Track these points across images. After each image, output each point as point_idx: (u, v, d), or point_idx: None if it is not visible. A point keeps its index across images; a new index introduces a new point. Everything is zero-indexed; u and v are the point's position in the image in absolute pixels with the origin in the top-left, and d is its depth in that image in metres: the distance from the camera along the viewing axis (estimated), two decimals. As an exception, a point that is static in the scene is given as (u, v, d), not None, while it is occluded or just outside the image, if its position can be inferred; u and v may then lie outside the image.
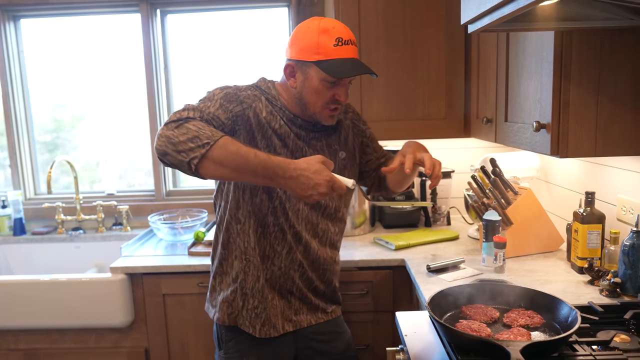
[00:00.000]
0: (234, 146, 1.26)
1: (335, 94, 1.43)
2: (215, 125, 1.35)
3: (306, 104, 1.45)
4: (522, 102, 1.65)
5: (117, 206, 2.73)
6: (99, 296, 2.12)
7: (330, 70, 1.38)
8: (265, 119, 1.46)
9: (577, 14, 1.28)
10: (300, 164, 1.28)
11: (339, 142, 1.58)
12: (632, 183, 1.63)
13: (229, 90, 1.45)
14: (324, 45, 1.38)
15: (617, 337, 1.24)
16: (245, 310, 1.54)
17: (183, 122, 1.27)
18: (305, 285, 1.59)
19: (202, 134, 1.25)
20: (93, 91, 2.86)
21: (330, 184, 1.27)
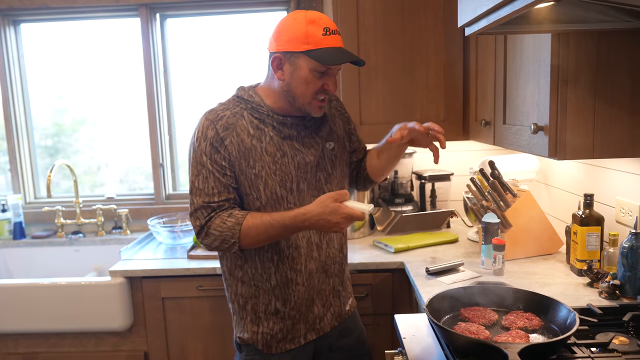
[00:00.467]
0: (253, 230, 1.40)
1: (324, 84, 1.43)
2: (222, 191, 1.44)
3: (294, 95, 1.44)
4: (520, 105, 1.65)
5: (116, 210, 2.74)
6: (98, 300, 2.12)
7: (321, 59, 1.38)
8: (252, 137, 1.45)
9: (573, 17, 1.28)
10: (315, 210, 1.37)
11: (327, 132, 1.58)
12: (631, 185, 1.63)
13: (211, 133, 1.43)
14: (312, 34, 1.38)
15: (615, 339, 1.24)
16: (259, 335, 1.53)
17: (206, 229, 1.43)
18: (327, 289, 1.58)
19: (226, 236, 1.41)
20: (94, 95, 2.87)
21: (349, 218, 1.36)
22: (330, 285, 1.58)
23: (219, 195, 1.43)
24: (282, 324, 1.52)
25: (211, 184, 1.43)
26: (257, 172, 1.44)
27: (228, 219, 1.41)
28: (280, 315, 1.52)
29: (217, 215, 1.43)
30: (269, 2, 2.67)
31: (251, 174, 1.44)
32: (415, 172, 2.53)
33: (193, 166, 1.45)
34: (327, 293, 1.58)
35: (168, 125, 2.83)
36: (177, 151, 2.88)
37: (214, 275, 2.09)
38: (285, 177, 1.46)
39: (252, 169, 1.44)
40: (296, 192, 1.48)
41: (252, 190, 1.45)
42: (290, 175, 1.46)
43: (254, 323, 1.53)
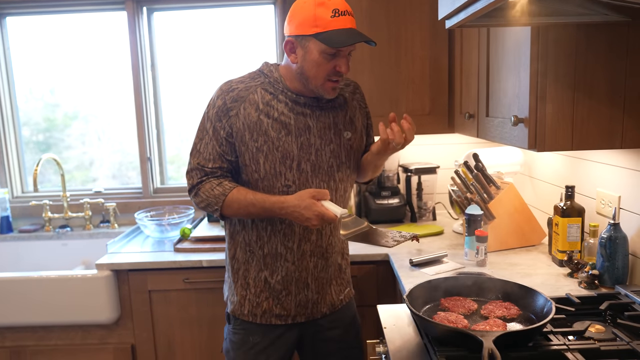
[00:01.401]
0: (235, 204, 1.49)
1: (336, 65, 1.45)
2: (216, 159, 1.52)
3: (308, 78, 1.47)
4: (502, 97, 1.67)
5: (104, 204, 2.74)
6: (85, 293, 2.12)
7: (329, 41, 1.39)
8: (261, 112, 1.49)
9: (552, 10, 1.29)
10: (292, 201, 1.43)
11: (344, 121, 1.59)
12: (611, 177, 1.65)
13: (220, 103, 1.50)
14: (321, 17, 1.39)
15: (592, 327, 1.27)
16: (246, 300, 1.58)
17: (196, 190, 1.53)
18: (325, 276, 1.61)
19: (210, 201, 1.51)
20: (85, 90, 2.86)
21: (320, 217, 1.40)
22: (328, 273, 1.61)
23: (213, 162, 1.51)
24: (268, 293, 1.57)
25: (209, 150, 1.51)
26: (259, 146, 1.49)
27: (217, 187, 1.50)
28: (267, 286, 1.57)
29: (209, 180, 1.52)
30: (256, -5, 2.67)
31: (253, 147, 1.49)
32: (401, 165, 2.55)
33: (199, 130, 1.54)
34: (323, 280, 1.61)
35: (156, 119, 2.82)
36: (165, 145, 2.87)
37: (200, 267, 2.10)
38: (286, 155, 1.50)
39: (255, 142, 1.49)
40: (296, 170, 1.51)
41: (251, 163, 1.50)
42: (291, 154, 1.50)
43: (243, 288, 1.59)
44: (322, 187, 1.55)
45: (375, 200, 2.44)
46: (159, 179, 2.86)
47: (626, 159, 1.56)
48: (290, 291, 1.57)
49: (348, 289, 1.71)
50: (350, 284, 1.73)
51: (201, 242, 2.25)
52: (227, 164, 1.52)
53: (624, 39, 1.39)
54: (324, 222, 1.42)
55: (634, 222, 1.54)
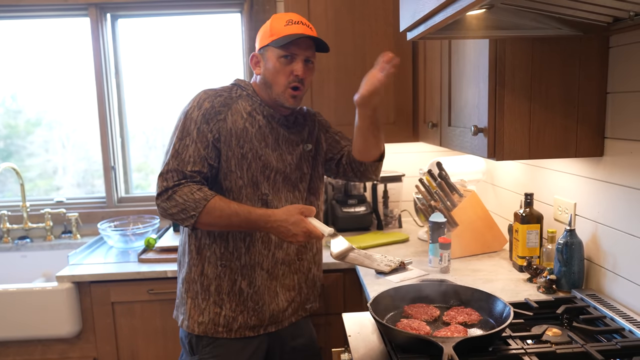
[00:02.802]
0: (217, 211, 1.42)
1: (293, 70, 1.51)
2: (197, 162, 1.46)
3: (271, 86, 1.53)
4: (463, 107, 1.71)
5: (66, 214, 2.67)
6: (45, 306, 2.06)
7: (278, 42, 1.47)
8: (245, 120, 1.52)
9: (508, 23, 1.34)
10: (280, 215, 1.42)
11: (306, 135, 1.67)
12: (567, 184, 1.71)
13: (207, 105, 1.50)
14: (275, 27, 1.51)
15: (549, 331, 1.31)
16: (221, 317, 1.55)
17: (170, 192, 1.44)
18: (291, 284, 1.62)
19: (188, 206, 1.42)
20: (49, 96, 2.79)
21: (308, 234, 1.41)
22: (294, 281, 1.62)
23: (193, 165, 1.46)
24: (243, 306, 1.55)
25: (190, 152, 1.47)
26: (245, 153, 1.50)
27: (197, 192, 1.44)
28: (243, 297, 1.55)
29: (188, 184, 1.45)
30: (222, 4, 2.66)
31: (239, 153, 1.50)
32: (368, 174, 2.57)
33: (179, 131, 1.49)
34: (289, 287, 1.61)
35: (120, 127, 2.77)
36: (129, 153, 2.83)
37: (165, 278, 2.07)
38: (266, 165, 1.53)
39: (240, 148, 1.50)
40: (272, 181, 1.54)
41: (237, 169, 1.50)
42: (270, 165, 1.53)
43: (216, 304, 1.54)
44: (289, 197, 1.58)
45: (341, 209, 2.46)
46: (124, 188, 2.81)
47: (581, 167, 1.62)
48: (265, 301, 1.57)
49: (315, 303, 1.73)
50: (317, 299, 1.74)
51: (166, 252, 2.21)
52: (208, 170, 1.48)
53: (577, 53, 1.45)
54: (310, 239, 1.43)
55: (589, 228, 1.60)
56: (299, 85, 1.53)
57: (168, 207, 1.45)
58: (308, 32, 1.51)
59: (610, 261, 1.51)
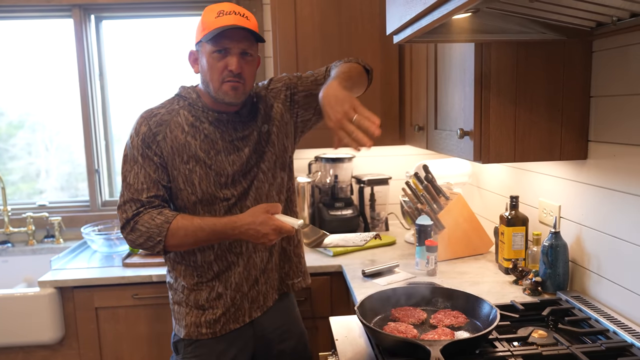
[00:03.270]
0: (182, 231, 1.39)
1: (227, 65, 1.41)
2: (151, 187, 1.43)
3: (208, 83, 1.45)
4: (449, 111, 1.72)
5: (48, 218, 2.62)
6: (26, 312, 2.02)
7: (208, 36, 1.39)
8: (187, 134, 1.46)
9: (493, 27, 1.35)
10: (246, 219, 1.38)
11: (262, 117, 1.56)
12: (552, 187, 1.73)
13: (144, 129, 1.44)
14: (206, 20, 1.41)
15: (535, 333, 1.31)
16: (202, 319, 1.53)
17: (132, 223, 1.41)
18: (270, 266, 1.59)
19: (152, 232, 1.39)
20: (32, 98, 2.75)
21: (278, 230, 1.37)
22: (271, 262, 1.59)
23: (148, 191, 1.43)
24: (224, 307, 1.53)
25: (141, 179, 1.43)
26: (192, 168, 1.45)
27: (157, 217, 1.40)
28: (222, 299, 1.53)
29: (147, 211, 1.42)
30: (206, 6, 2.64)
31: (185, 169, 1.45)
32: (354, 177, 2.57)
33: (126, 162, 1.46)
34: (269, 270, 1.59)
35: (104, 130, 2.74)
36: (114, 156, 2.79)
37: (150, 283, 2.04)
38: (221, 173, 1.47)
39: (186, 164, 1.45)
40: (231, 186, 1.49)
41: (186, 186, 1.46)
42: (225, 172, 1.48)
43: (198, 309, 1.53)
44: (260, 192, 1.53)
45: (328, 212, 2.45)
46: (108, 192, 2.78)
47: (565, 170, 1.64)
48: (244, 292, 1.55)
49: (301, 278, 1.69)
50: (304, 274, 1.71)
51: (151, 257, 2.19)
52: (163, 192, 1.45)
53: (561, 57, 1.47)
54: (282, 235, 1.39)
55: (573, 230, 1.61)
56: (236, 79, 1.43)
57: (134, 238, 1.43)
58: (241, 22, 1.39)
59: (595, 263, 1.52)
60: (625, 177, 1.37)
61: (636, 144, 1.33)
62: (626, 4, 1.11)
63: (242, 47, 1.42)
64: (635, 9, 1.13)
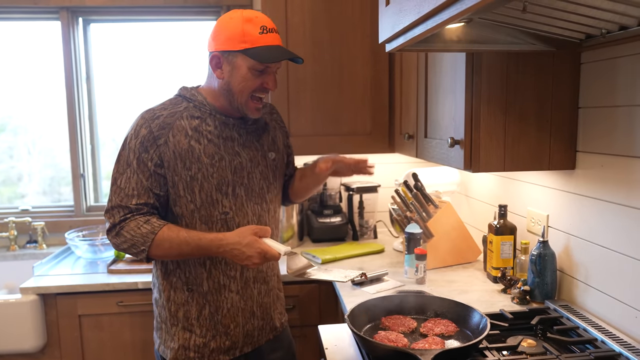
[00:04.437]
0: (167, 243, 1.37)
1: (263, 82, 1.43)
2: (142, 194, 1.39)
3: (234, 94, 1.43)
4: (439, 119, 1.72)
5: (31, 222, 2.57)
6: (7, 319, 1.98)
7: (259, 57, 1.38)
8: (190, 138, 1.42)
9: (485, 37, 1.36)
10: (232, 238, 1.36)
11: (268, 143, 1.58)
12: (540, 196, 1.74)
13: (144, 132, 1.40)
14: (249, 33, 1.38)
15: (524, 342, 1.31)
16: (191, 342, 1.48)
17: (118, 229, 1.39)
18: (268, 301, 1.56)
19: (137, 241, 1.37)
20: (15, 101, 2.70)
21: (263, 255, 1.34)
22: (270, 298, 1.57)
23: (138, 198, 1.39)
24: (215, 331, 1.48)
25: (132, 185, 1.39)
26: (194, 174, 1.42)
27: (144, 225, 1.37)
28: (213, 322, 1.48)
29: (134, 217, 1.39)
30: (198, 11, 2.64)
31: (187, 175, 1.41)
32: (343, 184, 2.57)
33: (119, 163, 1.41)
34: (267, 305, 1.56)
35: (90, 134, 2.71)
36: (99, 161, 2.76)
37: (135, 290, 2.01)
38: (222, 181, 1.44)
39: (188, 170, 1.41)
40: (232, 196, 1.46)
41: (186, 193, 1.42)
42: (226, 179, 1.45)
43: (186, 330, 1.47)
44: (256, 209, 1.51)
45: (317, 219, 2.45)
46: (93, 197, 2.74)
47: (553, 180, 1.65)
48: (238, 323, 1.50)
49: (285, 315, 1.69)
50: (284, 307, 1.70)
51: (137, 263, 2.16)
52: (154, 200, 1.41)
53: (550, 68, 1.48)
54: (266, 260, 1.36)
55: (561, 239, 1.62)
56: (262, 99, 1.47)
57: (118, 242, 1.41)
58: (281, 42, 1.46)
59: (582, 272, 1.53)
60: (613, 187, 1.39)
61: (623, 154, 1.35)
62: (616, 17, 1.12)
63: (279, 66, 1.47)
64: (625, 21, 1.15)
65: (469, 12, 0.89)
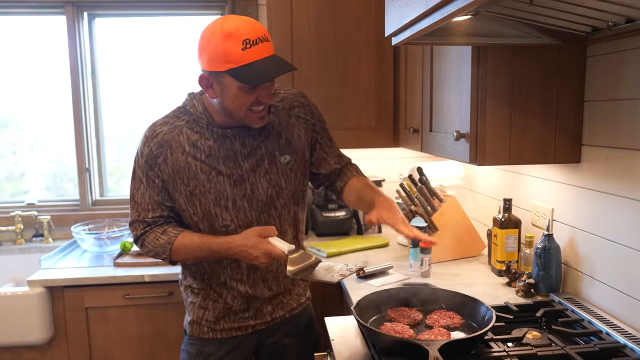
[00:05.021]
0: (183, 250, 1.46)
1: (258, 97, 1.35)
2: (155, 208, 1.48)
3: (230, 112, 1.39)
4: (445, 113, 1.73)
5: (37, 216, 2.59)
6: (15, 312, 1.99)
7: (244, 78, 1.29)
8: (187, 155, 1.42)
9: (491, 31, 1.36)
10: (239, 240, 1.40)
11: (279, 146, 1.49)
12: (545, 190, 1.75)
13: (146, 150, 1.44)
14: (230, 52, 1.28)
15: (529, 334, 1.32)
16: (204, 319, 1.56)
17: (141, 241, 1.50)
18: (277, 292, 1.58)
19: (158, 250, 1.48)
20: (18, 97, 2.71)
21: (268, 254, 1.37)
22: (281, 288, 1.59)
23: (153, 212, 1.47)
24: (226, 314, 1.55)
25: (147, 200, 1.47)
26: (192, 190, 1.44)
27: (161, 237, 1.46)
28: (227, 307, 1.55)
29: (152, 230, 1.48)
30: (202, 5, 2.64)
31: (186, 191, 1.45)
32: (348, 178, 2.58)
33: (134, 180, 1.49)
34: (279, 295, 1.59)
35: (95, 128, 2.72)
36: (104, 155, 2.77)
37: (142, 283, 2.03)
38: (220, 196, 1.44)
39: (186, 186, 1.44)
40: (232, 209, 1.45)
41: (188, 207, 1.46)
42: (225, 194, 1.44)
43: (201, 308, 1.56)
44: (262, 218, 1.50)
45: (322, 213, 2.45)
46: (98, 191, 2.75)
47: (558, 174, 1.66)
48: (249, 307, 1.56)
49: (307, 295, 1.70)
50: (306, 289, 1.71)
51: (143, 257, 2.17)
52: (168, 211, 1.49)
53: (556, 61, 1.49)
54: (272, 259, 1.39)
55: (566, 233, 1.63)
56: (263, 109, 1.39)
57: (145, 252, 1.53)
58: (269, 50, 1.33)
59: (587, 265, 1.54)
60: (618, 180, 1.39)
61: (629, 147, 1.35)
62: (623, 10, 1.13)
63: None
64: (632, 14, 1.15)
65: (476, 4, 0.89)
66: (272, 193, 1.49)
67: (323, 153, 1.61)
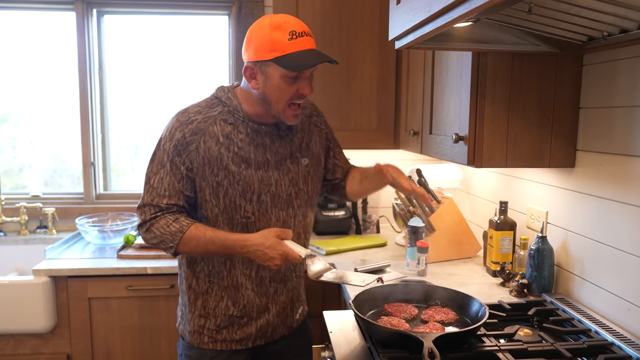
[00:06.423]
0: (193, 241, 1.43)
1: (298, 89, 1.41)
2: (173, 195, 1.44)
3: (270, 103, 1.42)
4: (444, 116, 1.78)
5: (42, 208, 2.63)
6: (19, 300, 2.03)
7: (289, 65, 1.36)
8: (221, 145, 1.44)
9: (491, 37, 1.41)
10: (256, 239, 1.39)
11: (301, 148, 1.55)
12: (540, 194, 1.79)
13: (178, 135, 1.43)
14: (278, 41, 1.35)
15: (520, 331, 1.37)
16: (205, 329, 1.53)
17: (149, 225, 1.45)
18: (285, 300, 1.58)
19: (166, 238, 1.44)
20: (19, 92, 2.75)
21: (284, 256, 1.38)
22: (288, 297, 1.59)
23: (169, 199, 1.43)
24: (228, 322, 1.53)
25: (165, 186, 1.43)
26: (220, 181, 1.44)
27: (173, 224, 1.43)
28: (228, 316, 1.52)
29: (164, 216, 1.44)
30: (210, 5, 2.69)
31: (214, 181, 1.43)
32: (348, 179, 2.62)
33: (154, 163, 1.45)
34: (284, 304, 1.58)
35: (101, 124, 2.76)
36: (109, 150, 2.81)
37: (144, 275, 2.07)
38: (247, 188, 1.45)
39: (215, 176, 1.43)
40: (256, 202, 1.47)
41: (212, 198, 1.45)
42: (252, 187, 1.46)
43: (202, 317, 1.53)
44: (281, 215, 1.52)
45: (322, 212, 2.50)
46: (102, 185, 2.79)
47: (553, 178, 1.71)
48: (252, 317, 1.54)
49: (302, 307, 1.70)
50: (304, 302, 1.72)
51: (146, 249, 2.21)
52: (184, 201, 1.45)
53: (553, 69, 1.54)
54: (288, 262, 1.39)
55: (559, 235, 1.68)
56: (299, 105, 1.45)
57: (148, 238, 1.47)
58: (313, 44, 1.41)
59: (579, 267, 1.59)
60: (611, 185, 1.44)
61: (621, 153, 1.40)
62: (617, 20, 1.18)
63: (313, 69, 1.42)
64: (625, 25, 1.20)
65: (477, 11, 0.94)
66: (292, 192, 1.52)
67: (336, 160, 1.69)
